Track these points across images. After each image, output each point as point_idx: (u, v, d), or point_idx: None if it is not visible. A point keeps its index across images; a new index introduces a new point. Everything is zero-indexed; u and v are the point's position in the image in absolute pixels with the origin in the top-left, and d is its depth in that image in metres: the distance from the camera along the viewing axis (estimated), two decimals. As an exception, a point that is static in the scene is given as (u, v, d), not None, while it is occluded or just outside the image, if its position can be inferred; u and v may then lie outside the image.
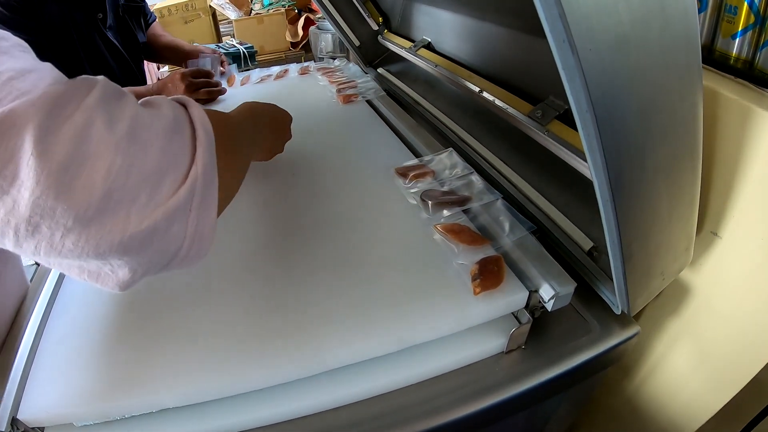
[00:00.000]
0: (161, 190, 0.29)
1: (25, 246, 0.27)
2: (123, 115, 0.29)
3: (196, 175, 0.30)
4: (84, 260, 0.28)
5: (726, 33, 0.54)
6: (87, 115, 0.27)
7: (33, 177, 0.25)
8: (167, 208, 0.29)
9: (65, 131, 0.26)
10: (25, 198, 0.26)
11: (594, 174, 0.35)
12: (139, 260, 0.30)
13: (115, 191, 0.27)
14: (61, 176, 0.26)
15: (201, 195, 0.31)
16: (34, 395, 0.43)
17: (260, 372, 0.44)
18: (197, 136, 0.32)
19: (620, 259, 0.42)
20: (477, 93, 0.78)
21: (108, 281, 0.31)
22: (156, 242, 0.29)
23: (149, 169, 0.29)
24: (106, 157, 0.27)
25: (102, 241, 0.27)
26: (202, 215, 0.31)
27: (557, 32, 0.28)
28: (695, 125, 0.38)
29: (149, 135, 0.29)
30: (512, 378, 0.48)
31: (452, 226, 0.57)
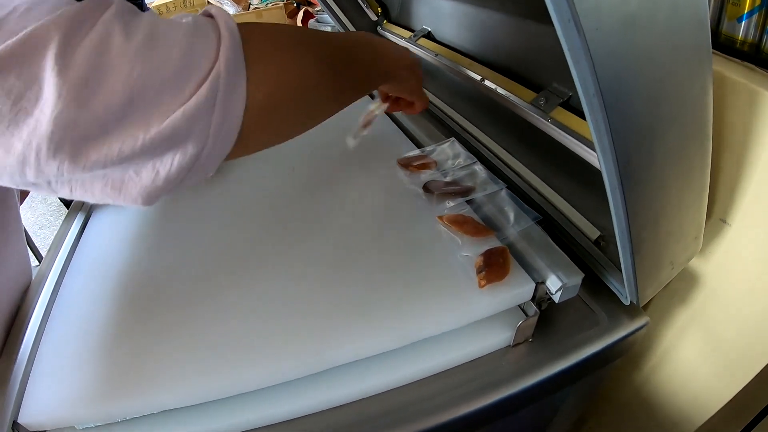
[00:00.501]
0: (184, 90, 0.29)
1: (47, 169, 0.27)
2: (140, 25, 0.29)
3: (218, 71, 0.30)
4: (108, 168, 0.28)
5: (732, 16, 0.53)
6: (105, 28, 0.28)
7: (54, 92, 0.26)
8: (188, 107, 0.29)
9: (84, 45, 0.27)
10: (47, 115, 0.26)
11: (602, 160, 0.34)
12: (162, 160, 0.30)
13: (136, 97, 0.28)
14: (82, 88, 0.26)
15: (225, 92, 0.30)
16: (35, 398, 0.42)
17: (262, 371, 0.43)
18: (221, 35, 0.31)
19: (629, 249, 0.41)
20: (478, 81, 0.76)
21: (132, 189, 0.30)
22: (178, 141, 0.29)
23: (170, 73, 0.29)
24: (126, 65, 0.27)
25: (126, 145, 0.28)
26: (227, 114, 0.31)
27: (562, 11, 0.27)
28: (705, 109, 0.37)
29: (168, 41, 0.29)
30: (520, 372, 0.47)
31: (456, 217, 0.56)
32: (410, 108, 0.63)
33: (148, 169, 0.30)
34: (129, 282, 0.53)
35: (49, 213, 2.19)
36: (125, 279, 0.54)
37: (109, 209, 0.68)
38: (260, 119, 0.34)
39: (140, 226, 0.63)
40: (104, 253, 0.59)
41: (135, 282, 0.53)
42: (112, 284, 0.53)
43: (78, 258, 0.59)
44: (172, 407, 0.43)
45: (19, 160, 0.27)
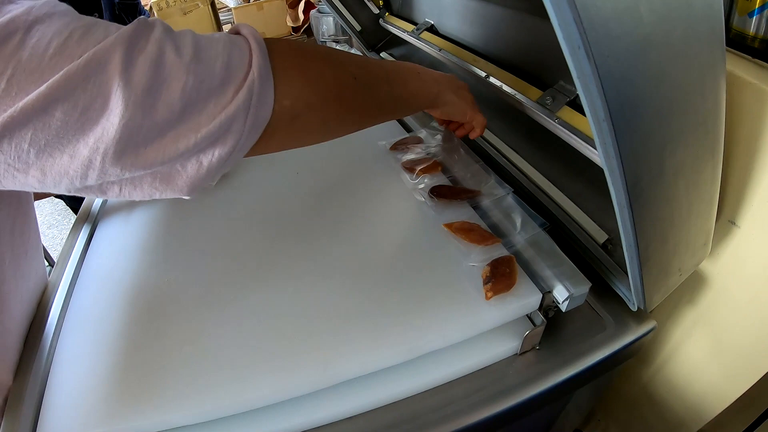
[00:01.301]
0: (225, 96, 0.34)
1: (111, 170, 0.32)
2: (186, 42, 0.34)
3: (252, 79, 0.35)
4: (161, 165, 0.33)
5: (743, 10, 0.52)
6: (158, 46, 0.32)
7: (122, 104, 0.30)
8: (230, 110, 0.34)
9: (142, 61, 0.31)
10: (115, 123, 0.30)
11: (610, 180, 0.33)
12: (207, 153, 0.35)
13: (190, 105, 0.33)
14: (145, 99, 0.31)
15: (258, 95, 0.35)
16: (49, 419, 0.43)
17: (270, 388, 0.43)
18: (252, 47, 0.37)
19: (637, 260, 0.41)
20: (483, 78, 0.75)
21: (178, 180, 0.35)
22: (221, 137, 0.34)
23: (216, 82, 0.34)
24: (180, 77, 0.32)
25: (180, 144, 0.33)
26: (259, 112, 0.36)
27: (572, 38, 0.26)
28: (717, 122, 0.36)
29: (210, 54, 0.34)
30: (527, 380, 0.47)
31: (462, 224, 0.56)
32: (470, 129, 0.64)
33: (192, 162, 0.35)
34: (137, 296, 0.54)
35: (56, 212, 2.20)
36: (134, 293, 0.54)
37: (114, 219, 0.68)
38: (283, 122, 0.39)
39: (145, 238, 0.63)
40: (112, 266, 0.59)
41: (143, 296, 0.54)
42: (121, 299, 0.53)
43: (86, 271, 0.59)
44: (183, 424, 0.43)
45: (84, 164, 0.31)
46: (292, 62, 0.39)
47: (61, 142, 0.30)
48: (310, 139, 0.44)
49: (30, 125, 0.29)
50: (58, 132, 0.30)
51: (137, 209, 0.69)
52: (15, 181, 0.32)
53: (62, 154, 0.31)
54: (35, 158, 0.30)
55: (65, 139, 0.30)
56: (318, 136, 0.45)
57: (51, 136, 0.30)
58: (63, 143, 0.30)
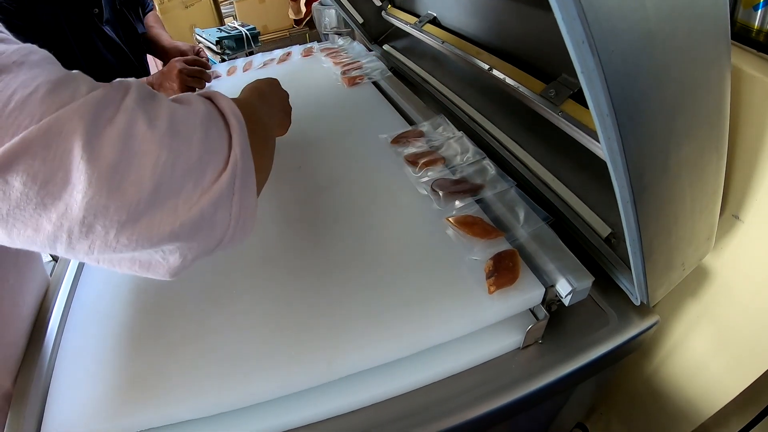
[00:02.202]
0: (205, 178, 0.31)
1: (78, 247, 0.29)
2: (161, 113, 0.31)
3: (235, 159, 0.32)
4: (136, 251, 0.30)
5: (747, 3, 0.51)
6: (128, 116, 0.29)
7: (84, 180, 0.27)
8: (212, 194, 0.31)
9: (110, 133, 0.28)
10: (78, 201, 0.27)
11: (614, 176, 0.33)
12: (190, 245, 0.31)
13: (163, 184, 0.29)
14: (112, 176, 0.27)
15: (241, 178, 0.32)
16: (55, 413, 0.43)
17: (275, 383, 0.44)
18: (230, 124, 0.34)
19: (640, 255, 0.41)
20: (486, 71, 0.75)
21: (159, 269, 0.32)
22: (204, 227, 0.31)
23: (192, 160, 0.30)
24: (152, 153, 0.29)
25: (155, 232, 0.29)
26: (245, 196, 0.33)
27: (576, 33, 0.26)
28: (721, 118, 0.36)
29: (188, 128, 0.31)
30: (530, 374, 0.48)
31: (465, 218, 0.56)
32: None
33: (175, 256, 0.31)
34: (141, 293, 0.54)
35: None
36: (137, 289, 0.54)
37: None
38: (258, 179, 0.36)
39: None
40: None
41: (146, 293, 0.54)
42: (124, 295, 0.54)
43: (88, 268, 0.59)
44: (187, 419, 0.44)
45: (50, 238, 0.28)
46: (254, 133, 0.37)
47: (23, 215, 0.27)
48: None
49: None
50: (18, 204, 0.27)
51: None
52: None
53: (26, 227, 0.28)
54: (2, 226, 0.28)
55: (26, 212, 0.27)
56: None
57: (11, 207, 0.27)
58: (25, 216, 0.27)
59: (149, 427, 0.44)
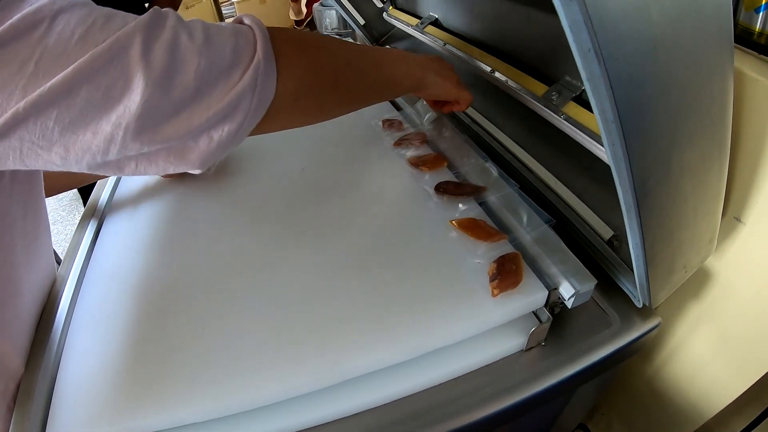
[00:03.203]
0: (234, 77, 0.37)
1: (131, 145, 0.34)
2: (197, 28, 0.37)
3: (258, 61, 0.38)
4: (177, 140, 0.36)
5: (749, 6, 0.51)
6: (173, 32, 0.35)
7: (142, 83, 0.33)
8: (238, 89, 0.37)
9: (160, 46, 0.34)
10: (137, 101, 0.33)
11: (618, 180, 0.33)
12: (217, 128, 0.37)
13: (202, 84, 0.35)
14: (163, 78, 0.34)
15: (263, 75, 0.38)
16: (58, 418, 0.43)
17: (280, 386, 0.44)
18: (255, 33, 0.39)
19: (643, 260, 0.41)
20: (488, 73, 0.75)
21: (191, 155, 0.38)
22: (231, 113, 0.37)
23: (225, 64, 0.37)
24: (194, 60, 0.35)
25: (194, 122, 0.36)
26: (264, 91, 0.39)
27: (582, 40, 0.26)
28: (724, 122, 0.36)
29: (220, 39, 0.37)
30: (533, 377, 0.48)
31: (468, 221, 0.56)
32: (457, 106, 0.68)
33: (204, 138, 0.37)
34: (145, 293, 0.54)
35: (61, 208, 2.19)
36: (141, 290, 0.55)
37: (121, 215, 0.68)
38: (286, 103, 0.42)
39: (152, 234, 0.63)
40: (119, 263, 0.59)
41: (151, 293, 0.54)
42: (129, 296, 0.54)
43: (93, 268, 0.60)
44: (191, 422, 0.44)
45: (107, 139, 0.34)
46: (293, 48, 0.42)
47: (85, 120, 0.33)
48: (309, 119, 0.48)
49: (56, 105, 0.31)
50: (82, 111, 0.32)
51: (143, 205, 0.69)
52: (38, 159, 0.34)
53: (85, 131, 0.33)
54: (59, 136, 0.33)
55: (89, 117, 0.33)
56: (315, 117, 0.48)
57: (75, 114, 0.32)
58: (86, 121, 0.33)
59: (154, 430, 0.44)
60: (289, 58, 0.41)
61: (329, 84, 0.47)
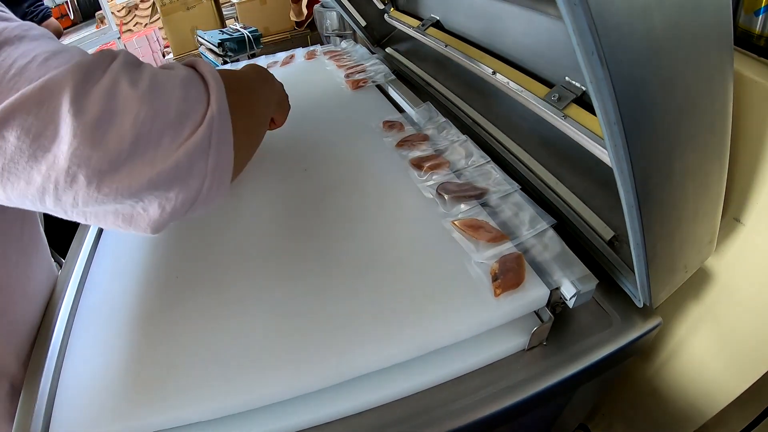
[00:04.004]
0: (183, 132, 0.33)
1: (64, 198, 0.31)
2: (143, 75, 0.34)
3: (212, 115, 0.34)
4: (119, 203, 0.32)
5: (749, 8, 0.52)
6: (113, 77, 0.32)
7: (70, 132, 0.29)
8: (188, 146, 0.33)
9: (96, 92, 0.31)
10: (64, 152, 0.30)
11: (620, 181, 0.34)
12: (168, 196, 0.34)
13: (142, 137, 0.31)
14: (95, 129, 0.30)
15: (218, 133, 0.35)
16: (61, 418, 0.44)
17: (282, 385, 0.44)
18: (209, 84, 0.36)
19: (644, 259, 0.42)
20: (490, 75, 0.75)
21: (141, 222, 0.35)
22: (181, 177, 0.33)
23: (171, 115, 0.33)
24: (133, 109, 0.31)
25: (134, 181, 0.31)
26: (221, 152, 0.35)
27: (586, 44, 0.26)
28: (724, 124, 0.37)
29: (168, 88, 0.34)
30: (535, 376, 0.48)
31: (470, 222, 0.57)
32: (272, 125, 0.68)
33: (155, 206, 0.34)
34: (147, 294, 0.55)
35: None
36: (143, 291, 0.55)
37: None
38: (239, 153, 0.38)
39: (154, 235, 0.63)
40: (120, 264, 0.60)
41: (153, 294, 0.55)
42: (131, 297, 0.54)
43: (95, 268, 0.60)
44: (194, 421, 0.44)
45: (39, 190, 0.31)
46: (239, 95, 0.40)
47: (17, 168, 0.30)
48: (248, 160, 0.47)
49: None
50: (13, 158, 0.30)
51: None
52: None
53: (19, 180, 0.31)
54: None
55: (20, 165, 0.30)
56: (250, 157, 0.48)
57: (7, 160, 0.30)
58: (18, 169, 0.30)
59: (157, 429, 0.44)
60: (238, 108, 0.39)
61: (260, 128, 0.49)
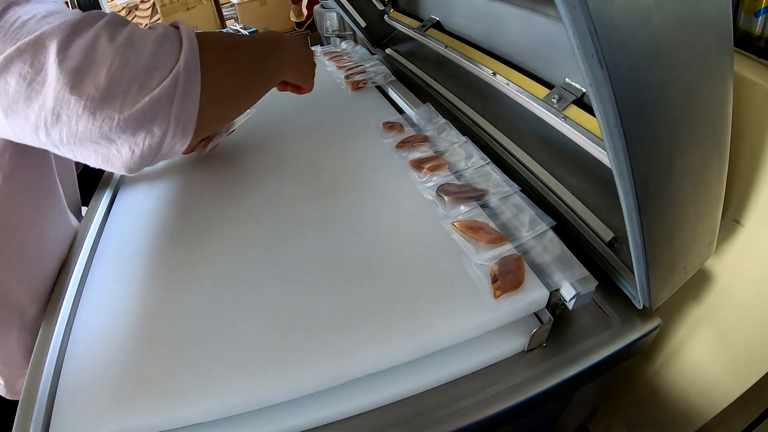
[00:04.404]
0: (150, 83, 0.38)
1: (53, 134, 0.37)
2: (123, 32, 0.38)
3: (178, 71, 0.39)
4: (95, 142, 0.38)
5: (749, 10, 0.52)
6: (96, 33, 0.37)
7: (55, 78, 0.35)
8: (153, 96, 0.37)
9: (78, 44, 0.36)
10: (50, 94, 0.35)
11: (619, 183, 0.34)
12: (136, 140, 0.39)
13: (114, 84, 0.36)
14: (75, 76, 0.35)
15: (183, 86, 0.39)
16: (61, 418, 0.44)
17: (283, 386, 0.44)
18: (183, 43, 0.40)
19: (643, 260, 0.42)
20: (489, 76, 0.76)
21: (116, 162, 0.40)
22: (146, 124, 0.38)
23: (141, 67, 0.37)
24: (108, 60, 0.36)
25: (104, 122, 0.37)
26: (185, 104, 0.39)
27: (586, 46, 0.26)
28: (724, 126, 0.37)
29: (141, 44, 0.38)
30: (534, 377, 0.48)
31: (470, 223, 0.57)
32: (298, 90, 0.74)
33: (126, 149, 0.39)
34: (149, 294, 0.55)
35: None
36: (145, 291, 0.55)
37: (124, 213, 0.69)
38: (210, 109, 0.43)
39: (156, 236, 0.64)
40: (123, 264, 0.60)
41: (155, 293, 0.55)
42: (133, 297, 0.54)
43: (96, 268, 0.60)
44: (196, 422, 0.44)
45: (34, 126, 0.37)
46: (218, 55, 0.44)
47: (17, 107, 0.36)
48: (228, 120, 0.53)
49: None
50: (14, 98, 0.36)
51: (147, 204, 0.69)
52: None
53: (19, 117, 0.37)
54: (4, 116, 0.37)
55: (19, 105, 0.36)
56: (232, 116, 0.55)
57: (9, 101, 0.36)
58: (18, 108, 0.37)
59: (158, 430, 0.44)
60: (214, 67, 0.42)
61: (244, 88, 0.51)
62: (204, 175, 0.76)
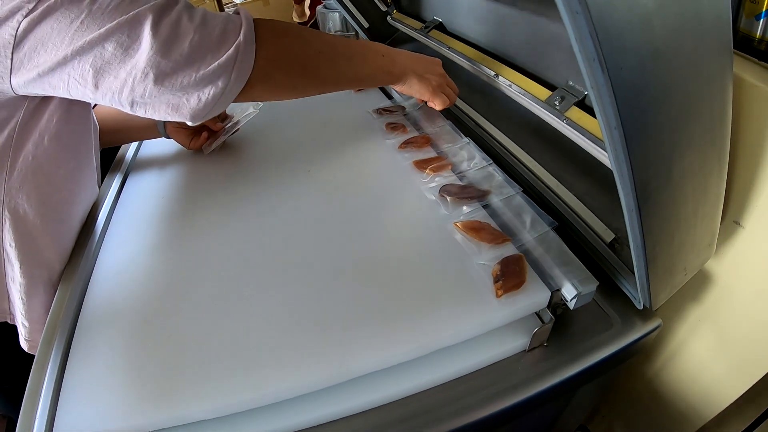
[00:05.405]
0: (220, 52, 0.49)
1: (137, 89, 0.47)
2: (198, 13, 0.49)
3: (239, 43, 0.49)
4: (172, 94, 0.48)
5: (749, 13, 0.52)
6: (178, 13, 0.47)
7: (149, 46, 0.45)
8: (221, 61, 0.48)
9: (166, 22, 0.46)
10: (143, 57, 0.45)
11: (620, 185, 0.34)
12: (204, 91, 0.49)
13: (194, 52, 0.47)
14: (165, 44, 0.46)
15: (242, 53, 0.50)
16: (65, 415, 0.44)
17: (286, 384, 0.45)
18: (242, 23, 0.51)
19: (644, 261, 0.42)
20: (492, 77, 0.76)
21: (184, 110, 0.50)
22: (214, 80, 0.49)
23: (214, 41, 0.48)
24: (189, 35, 0.47)
25: (185, 80, 0.48)
26: (242, 66, 0.50)
27: (588, 51, 0.27)
28: (724, 128, 0.37)
29: (213, 23, 0.49)
30: (535, 377, 0.49)
31: (472, 223, 0.57)
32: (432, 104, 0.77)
33: (194, 98, 0.49)
34: (153, 293, 0.55)
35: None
36: (149, 290, 0.56)
37: (126, 212, 0.69)
38: (261, 78, 0.53)
39: (159, 236, 0.64)
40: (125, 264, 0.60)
41: (159, 292, 0.55)
42: (137, 296, 0.55)
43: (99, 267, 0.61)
44: (199, 419, 0.45)
45: (122, 82, 0.47)
46: (272, 36, 0.54)
47: (110, 67, 0.46)
48: (282, 94, 0.59)
49: (92, 53, 0.45)
50: (109, 60, 0.46)
51: (149, 204, 0.70)
52: (78, 91, 0.48)
53: (109, 76, 0.46)
54: (92, 77, 0.46)
55: (112, 66, 0.46)
56: (288, 93, 0.60)
57: (104, 62, 0.46)
58: (110, 68, 0.46)
59: (161, 427, 0.44)
60: (267, 42, 0.52)
61: (299, 67, 0.57)
62: (208, 173, 0.77)
